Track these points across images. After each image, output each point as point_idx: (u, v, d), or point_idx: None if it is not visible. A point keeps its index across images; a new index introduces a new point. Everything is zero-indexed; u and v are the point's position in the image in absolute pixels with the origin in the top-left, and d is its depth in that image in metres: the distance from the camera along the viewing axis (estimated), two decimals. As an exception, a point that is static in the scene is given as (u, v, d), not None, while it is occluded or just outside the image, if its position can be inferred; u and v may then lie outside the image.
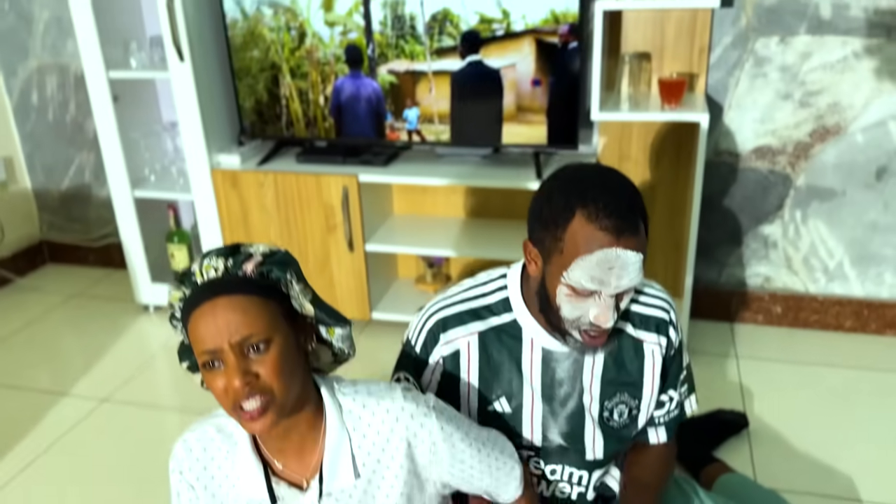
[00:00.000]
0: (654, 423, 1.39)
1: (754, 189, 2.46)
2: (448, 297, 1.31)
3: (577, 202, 1.10)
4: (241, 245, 1.02)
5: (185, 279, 0.99)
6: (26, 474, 2.02)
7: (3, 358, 2.61)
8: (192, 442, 1.08)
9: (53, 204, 3.25)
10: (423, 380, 1.29)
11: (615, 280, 1.10)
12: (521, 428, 1.29)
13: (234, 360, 0.93)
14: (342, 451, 1.04)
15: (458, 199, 2.70)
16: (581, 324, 1.16)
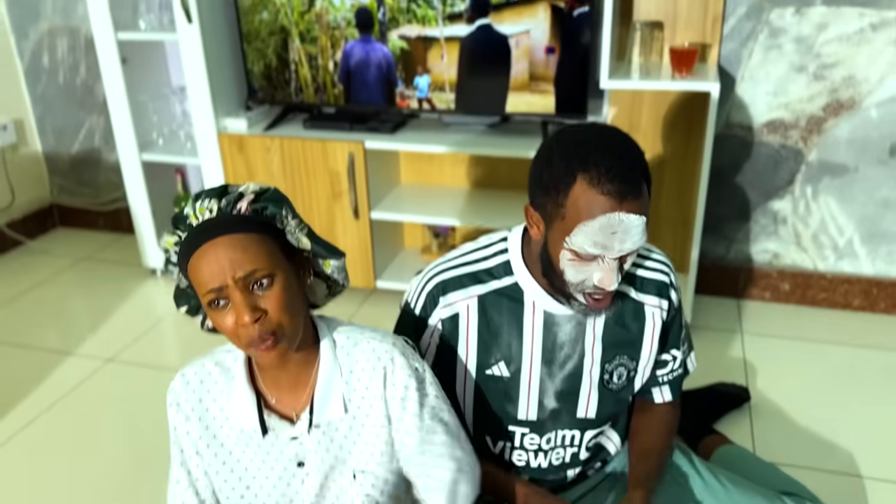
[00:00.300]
0: (658, 383, 1.39)
1: (765, 163, 2.42)
2: (448, 261, 1.30)
3: (578, 166, 1.08)
4: (229, 185, 1.02)
5: (180, 223, 0.99)
6: (29, 430, 2.05)
7: (11, 318, 2.64)
8: (190, 375, 1.12)
9: (64, 167, 3.26)
10: (422, 343, 1.29)
11: (618, 244, 1.09)
12: (519, 393, 1.29)
13: (241, 295, 0.95)
14: (334, 385, 1.07)
15: (465, 168, 2.68)
16: (585, 287, 1.15)
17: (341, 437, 1.09)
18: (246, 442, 1.10)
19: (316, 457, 1.09)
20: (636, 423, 1.42)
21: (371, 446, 1.09)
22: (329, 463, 1.10)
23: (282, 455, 1.09)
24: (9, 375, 2.30)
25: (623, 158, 1.09)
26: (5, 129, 3.05)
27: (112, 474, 1.88)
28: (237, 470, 1.11)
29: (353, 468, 1.09)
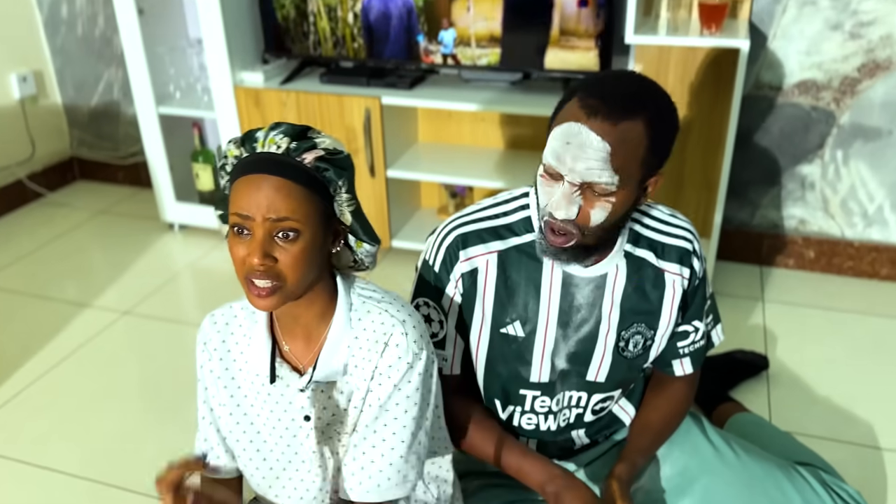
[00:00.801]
0: (678, 355, 1.35)
1: (795, 126, 2.34)
2: (467, 215, 1.26)
3: (580, 87, 1.09)
4: (310, 129, 1.01)
5: (248, 140, 0.99)
6: (46, 380, 2.07)
7: (31, 269, 2.66)
8: (218, 316, 1.14)
9: (83, 120, 3.25)
10: (444, 302, 1.25)
11: (570, 160, 1.05)
12: (532, 355, 1.26)
13: (261, 236, 0.95)
14: (340, 346, 1.06)
15: (484, 126, 2.63)
16: (545, 213, 1.12)
17: (337, 398, 1.09)
18: (258, 388, 1.11)
19: (317, 410, 1.09)
20: (647, 396, 1.40)
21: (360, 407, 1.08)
22: (326, 420, 1.10)
23: (290, 406, 1.09)
24: (28, 326, 2.32)
25: (622, 87, 1.07)
26: (25, 81, 3.04)
27: (126, 423, 1.90)
28: (250, 414, 1.12)
29: (348, 430, 1.09)
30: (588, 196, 1.07)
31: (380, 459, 1.07)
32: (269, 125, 1.00)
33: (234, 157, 1.00)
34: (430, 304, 1.26)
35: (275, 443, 1.12)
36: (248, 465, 1.15)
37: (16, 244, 2.83)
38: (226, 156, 1.01)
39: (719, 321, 1.40)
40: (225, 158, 1.01)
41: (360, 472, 1.08)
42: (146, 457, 1.78)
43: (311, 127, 1.01)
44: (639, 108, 1.05)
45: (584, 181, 1.06)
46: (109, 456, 1.79)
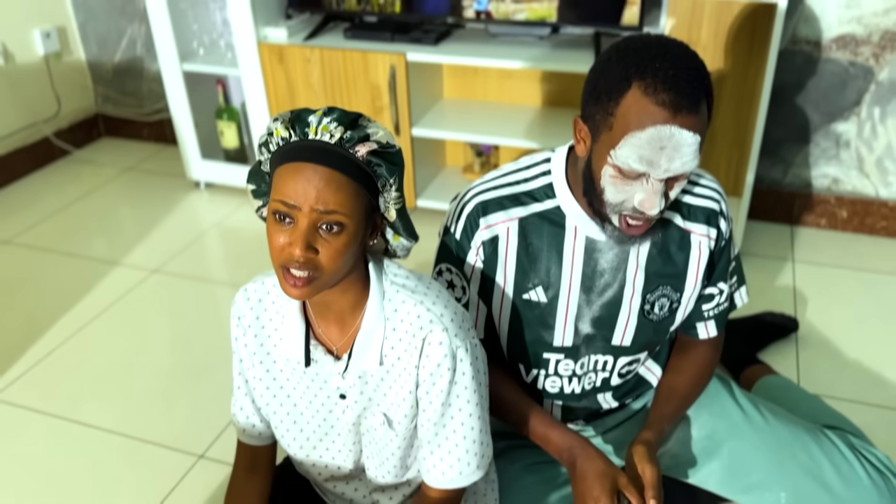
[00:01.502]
0: (703, 318, 1.34)
1: (831, 82, 2.27)
2: (487, 182, 1.24)
3: (634, 74, 1.01)
4: (361, 117, 0.98)
5: (297, 124, 0.96)
6: (78, 337, 2.11)
7: (60, 226, 2.69)
8: (251, 292, 1.13)
9: (107, 76, 3.25)
10: (466, 270, 1.25)
11: (666, 162, 1.01)
12: (555, 319, 1.26)
13: (306, 227, 0.93)
14: (374, 336, 1.05)
15: (511, 83, 2.59)
16: (623, 209, 1.09)
17: (374, 384, 1.08)
18: (293, 367, 1.11)
19: (354, 391, 1.09)
20: (672, 360, 1.39)
21: (399, 399, 1.08)
22: (363, 404, 1.10)
23: (326, 384, 1.10)
24: (59, 284, 2.36)
25: (685, 70, 1.01)
26: (49, 37, 3.03)
27: (158, 380, 1.93)
28: (286, 388, 1.13)
29: (384, 412, 1.10)
30: (668, 183, 1.06)
31: (455, 449, 1.08)
32: (321, 110, 0.96)
33: (282, 139, 0.97)
34: (453, 271, 1.26)
35: (311, 416, 1.13)
36: (286, 435, 1.17)
37: (45, 201, 2.86)
38: (271, 133, 0.97)
39: (744, 283, 1.39)
40: (270, 136, 0.98)
41: (440, 464, 1.09)
42: (179, 413, 1.82)
43: (362, 114, 0.98)
44: (705, 89, 1.02)
45: (676, 175, 1.04)
46: (143, 412, 1.83)
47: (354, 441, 1.14)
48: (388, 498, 1.20)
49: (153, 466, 1.67)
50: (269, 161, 1.00)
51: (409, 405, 1.07)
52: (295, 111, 0.98)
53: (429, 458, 1.10)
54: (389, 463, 1.13)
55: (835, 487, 1.34)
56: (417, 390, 1.06)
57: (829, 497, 1.34)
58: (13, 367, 1.99)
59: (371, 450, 1.14)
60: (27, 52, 2.97)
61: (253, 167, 1.03)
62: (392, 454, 1.12)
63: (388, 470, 1.14)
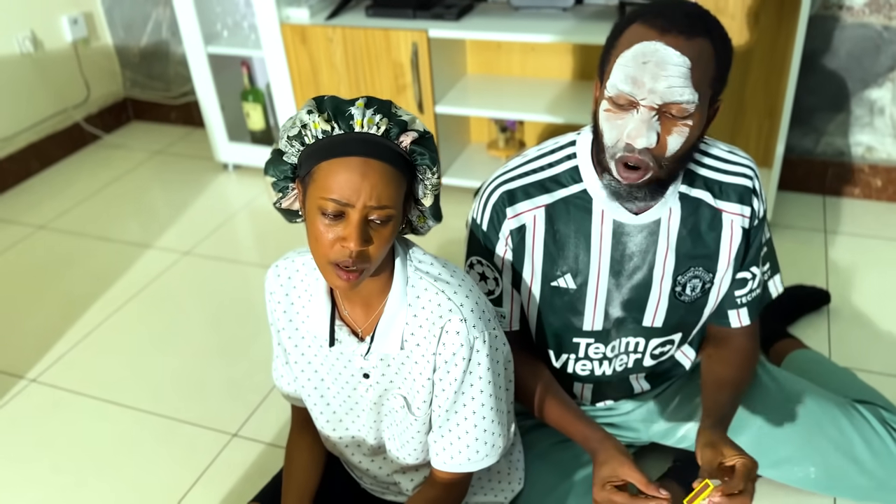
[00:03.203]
0: (735, 305, 1.30)
1: (864, 47, 2.21)
2: (511, 170, 1.23)
3: (636, 15, 1.04)
4: (392, 105, 0.98)
5: (339, 117, 0.95)
6: (114, 320, 2.16)
7: (93, 211, 2.74)
8: (282, 269, 1.15)
9: (134, 60, 3.28)
10: (496, 261, 1.24)
11: (650, 80, 0.99)
12: (585, 305, 1.24)
13: (360, 221, 0.94)
14: (396, 321, 1.06)
15: (535, 57, 2.56)
16: (617, 150, 1.06)
17: (395, 367, 1.10)
18: (320, 343, 1.13)
19: (377, 372, 1.11)
20: (710, 352, 1.34)
21: (419, 385, 1.09)
22: (384, 385, 1.12)
23: (350, 363, 1.12)
24: (93, 267, 2.41)
25: (683, 7, 1.02)
26: (76, 23, 3.06)
27: (193, 361, 1.97)
28: (314, 363, 1.15)
29: (404, 395, 1.11)
30: (665, 122, 1.03)
31: (465, 436, 1.09)
32: (360, 100, 0.95)
33: (323, 132, 0.95)
34: (484, 263, 1.25)
35: (337, 391, 1.16)
36: (314, 407, 1.19)
37: (77, 187, 2.91)
38: (305, 125, 0.96)
39: (778, 271, 1.35)
40: (304, 128, 0.96)
41: (449, 448, 1.11)
42: (213, 393, 1.86)
43: (392, 101, 0.98)
44: (706, 25, 1.02)
45: (664, 102, 1.00)
46: (177, 392, 1.87)
47: (375, 420, 1.16)
48: (409, 479, 1.22)
49: (188, 445, 1.71)
50: (298, 153, 0.98)
51: (428, 391, 1.08)
52: (327, 102, 0.96)
53: (438, 442, 1.11)
54: (410, 446, 1.15)
55: (865, 462, 1.33)
56: (434, 375, 1.07)
57: (859, 471, 1.34)
58: (51, 350, 2.05)
59: (392, 431, 1.16)
60: (55, 39, 3.01)
61: (272, 157, 1.02)
62: (412, 437, 1.14)
63: (408, 452, 1.16)
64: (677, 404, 1.44)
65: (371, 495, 1.30)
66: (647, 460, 1.52)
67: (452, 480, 1.14)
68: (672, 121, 1.03)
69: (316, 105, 0.96)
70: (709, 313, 1.32)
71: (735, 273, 1.27)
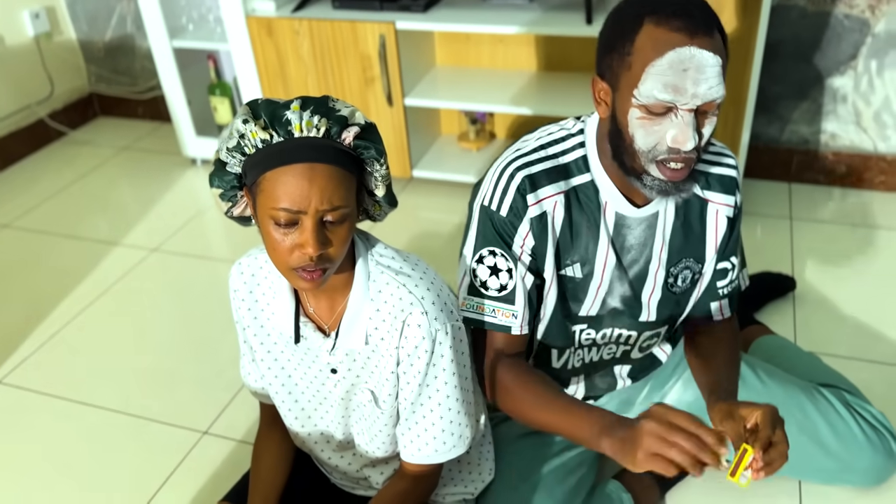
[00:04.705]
0: (718, 296, 1.31)
1: (827, 36, 2.24)
2: (527, 154, 1.18)
3: (645, 12, 1.01)
4: (329, 100, 0.96)
5: (277, 123, 0.92)
6: (81, 319, 2.13)
7: (58, 209, 2.70)
8: (245, 266, 1.14)
9: (99, 55, 3.23)
10: (515, 250, 1.17)
11: (692, 85, 0.99)
12: (586, 295, 1.24)
13: (315, 225, 0.92)
14: (360, 316, 1.06)
15: (504, 48, 2.56)
16: (658, 154, 1.04)
17: (361, 362, 1.10)
18: (286, 340, 1.13)
19: (343, 367, 1.11)
20: (699, 342, 1.33)
21: (383, 379, 1.09)
22: (351, 380, 1.12)
23: (317, 359, 1.11)
24: (60, 266, 2.38)
25: (693, 2, 1.01)
26: (38, 17, 3.01)
27: (162, 359, 1.95)
28: (280, 360, 1.15)
29: (371, 389, 1.11)
30: (699, 118, 1.03)
31: (432, 427, 1.09)
32: (294, 102, 0.92)
33: (262, 141, 0.93)
34: (498, 253, 1.18)
35: (305, 387, 1.16)
36: (282, 404, 1.19)
37: (42, 184, 2.87)
38: (243, 135, 0.93)
39: (745, 265, 1.37)
40: (242, 138, 0.93)
41: (417, 440, 1.11)
42: (182, 391, 1.85)
43: (328, 96, 0.97)
44: (713, 16, 1.02)
45: (704, 102, 1.01)
46: (146, 391, 1.85)
47: (343, 415, 1.16)
48: (379, 473, 1.22)
49: (158, 444, 1.70)
50: (240, 164, 0.96)
51: (392, 384, 1.08)
52: (261, 107, 0.94)
53: (406, 435, 1.11)
54: (378, 439, 1.15)
55: (830, 444, 1.36)
56: (398, 368, 1.07)
57: (824, 454, 1.36)
58: (17, 350, 2.02)
59: (361, 426, 1.16)
60: (17, 34, 2.95)
61: (215, 169, 0.99)
62: (380, 431, 1.14)
63: (377, 446, 1.16)
64: (647, 392, 1.46)
65: (342, 491, 1.30)
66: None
67: (422, 472, 1.14)
68: (704, 115, 1.04)
69: (251, 112, 0.94)
70: (692, 304, 1.33)
71: (717, 263, 1.28)
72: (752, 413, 1.01)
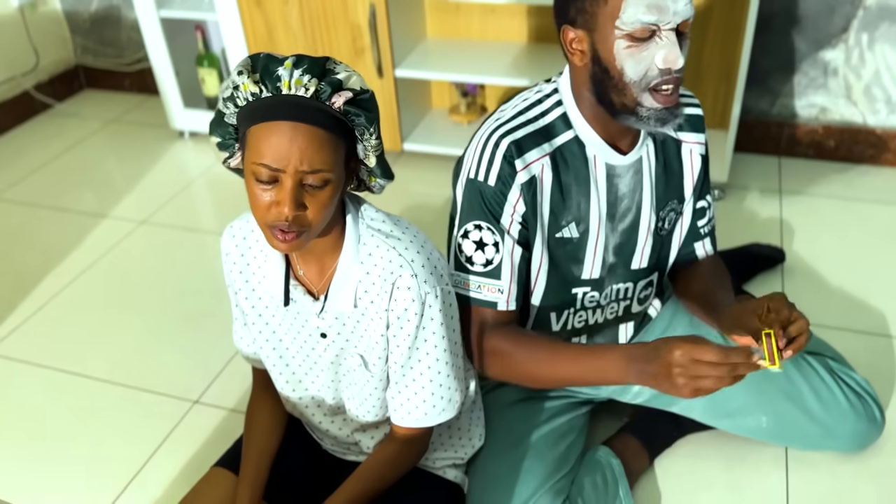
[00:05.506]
0: (699, 236, 1.37)
1: (818, 9, 2.24)
2: (508, 121, 1.18)
3: None
4: (329, 61, 0.94)
5: (268, 78, 0.92)
6: (70, 290, 2.12)
7: (45, 181, 2.68)
8: (236, 229, 1.14)
9: (84, 26, 3.18)
10: (504, 221, 1.17)
11: (671, 3, 1.02)
12: (585, 253, 1.25)
13: (292, 187, 0.92)
14: (349, 279, 1.06)
15: (494, 20, 2.54)
16: (650, 79, 1.06)
17: (351, 326, 1.10)
18: (277, 304, 1.12)
19: (332, 331, 1.11)
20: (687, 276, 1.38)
21: (373, 342, 1.09)
22: (341, 344, 1.12)
23: (307, 323, 1.11)
24: (48, 238, 2.36)
25: None
26: (22, -13, 2.96)
27: (151, 330, 1.95)
28: (272, 323, 1.15)
29: (360, 353, 1.12)
30: (679, 39, 1.06)
31: (422, 391, 1.10)
32: (289, 59, 0.92)
33: (251, 94, 0.93)
34: (483, 227, 1.17)
35: (296, 351, 1.16)
36: (273, 368, 1.19)
37: (29, 157, 2.84)
38: (237, 87, 0.93)
39: None
40: (236, 90, 0.93)
41: (406, 403, 1.11)
42: (173, 360, 1.84)
43: (330, 58, 0.95)
44: None
45: (682, 20, 1.04)
46: (137, 361, 1.85)
47: (333, 379, 1.16)
48: (370, 437, 1.23)
49: (149, 413, 1.70)
50: (234, 115, 0.96)
51: (382, 347, 1.09)
52: (259, 60, 0.93)
53: (396, 398, 1.12)
54: (368, 403, 1.16)
55: (814, 410, 1.38)
56: (388, 331, 1.07)
57: (809, 419, 1.38)
58: (5, 322, 2.01)
59: (351, 391, 1.16)
60: (0, 4, 2.90)
61: (214, 118, 1.00)
62: (370, 395, 1.14)
63: (367, 410, 1.17)
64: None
65: (333, 457, 1.31)
66: (603, 417, 1.55)
67: (412, 436, 1.15)
68: (682, 36, 1.07)
69: (250, 64, 0.93)
70: (678, 246, 1.36)
71: (695, 203, 1.32)
72: (761, 304, 1.07)
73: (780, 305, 1.06)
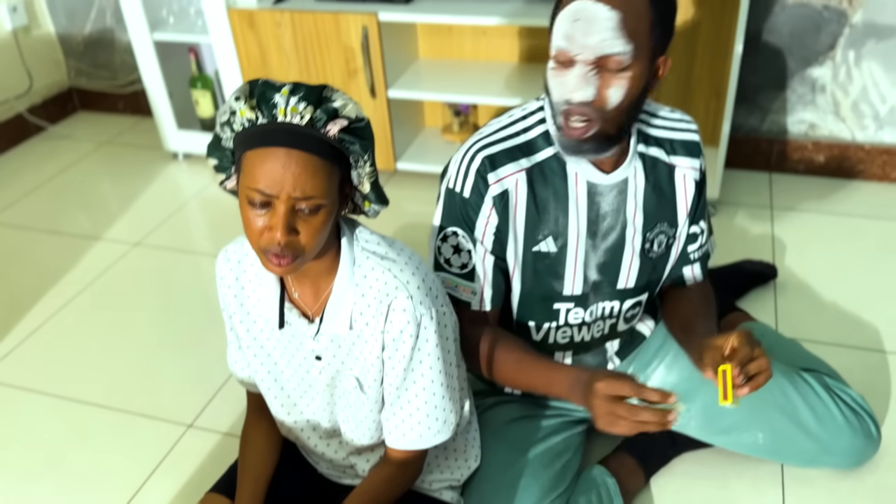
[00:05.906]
0: (689, 261, 1.37)
1: (805, 27, 2.26)
2: (488, 136, 1.23)
3: None
4: (325, 89, 0.96)
5: (264, 104, 0.93)
6: (64, 314, 2.11)
7: (38, 204, 2.67)
8: (231, 253, 1.14)
9: (78, 49, 3.19)
10: (477, 231, 1.23)
11: (581, 36, 1.04)
12: (565, 268, 1.27)
13: (285, 213, 0.93)
14: (344, 301, 1.06)
15: (486, 40, 2.56)
16: (559, 106, 1.11)
17: (346, 348, 1.10)
18: (272, 327, 1.13)
19: (328, 354, 1.11)
20: (675, 297, 1.39)
21: (368, 364, 1.10)
22: (336, 367, 1.12)
23: (302, 346, 1.12)
24: (41, 261, 2.35)
25: None
26: (15, 11, 2.97)
27: (146, 353, 1.94)
28: (266, 347, 1.15)
29: (356, 376, 1.12)
30: (604, 76, 1.07)
31: (417, 412, 1.10)
32: (286, 87, 0.93)
33: (248, 120, 0.94)
34: (459, 234, 1.24)
35: (291, 374, 1.16)
36: (268, 392, 1.19)
37: (22, 179, 2.83)
38: (234, 112, 0.95)
39: (712, 233, 1.42)
40: (233, 115, 0.95)
41: (401, 425, 1.11)
42: (167, 384, 1.84)
43: (327, 85, 0.97)
44: None
45: (598, 56, 1.05)
46: (131, 385, 1.84)
47: (329, 402, 1.16)
48: (366, 460, 1.23)
49: (143, 438, 1.69)
50: (231, 139, 0.97)
51: (378, 370, 1.09)
52: (257, 87, 0.95)
53: (391, 420, 1.12)
54: (364, 426, 1.16)
55: (810, 427, 1.38)
56: (383, 353, 1.07)
57: (805, 436, 1.38)
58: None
59: (346, 413, 1.16)
60: (-6, 28, 2.92)
61: (212, 141, 1.01)
62: (366, 417, 1.14)
63: (363, 432, 1.17)
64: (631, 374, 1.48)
65: (329, 481, 1.30)
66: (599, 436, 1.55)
67: (407, 458, 1.14)
68: (611, 74, 1.07)
69: (247, 90, 0.95)
70: (669, 269, 1.37)
71: (689, 227, 1.33)
72: (726, 340, 1.09)
73: (741, 342, 1.08)
